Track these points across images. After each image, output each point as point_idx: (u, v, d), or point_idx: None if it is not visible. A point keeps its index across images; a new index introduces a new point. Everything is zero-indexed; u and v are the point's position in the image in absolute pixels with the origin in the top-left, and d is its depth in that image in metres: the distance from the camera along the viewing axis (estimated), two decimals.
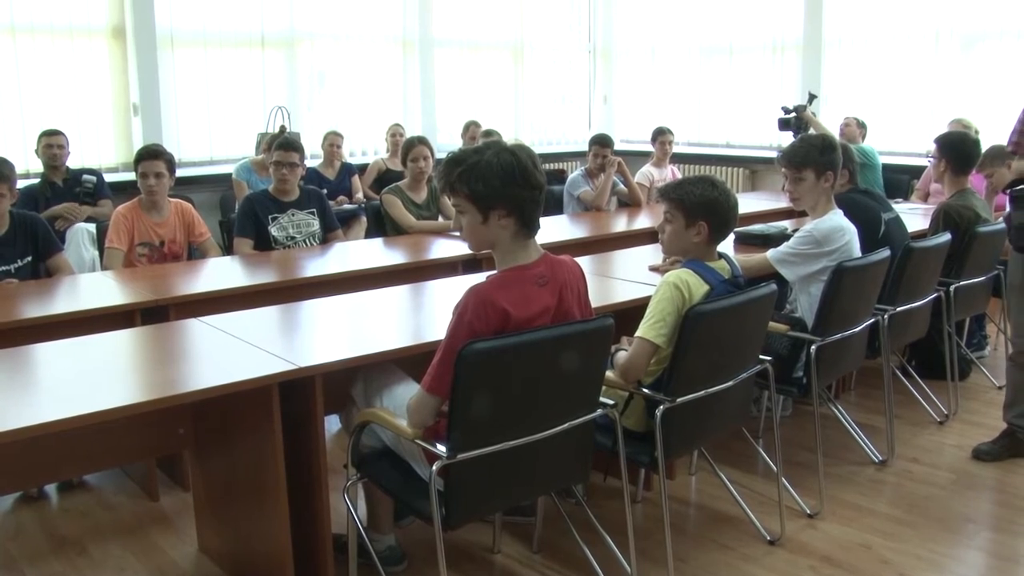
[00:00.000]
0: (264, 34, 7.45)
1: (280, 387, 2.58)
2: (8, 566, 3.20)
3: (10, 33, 6.31)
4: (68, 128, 5.95)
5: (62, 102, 6.52)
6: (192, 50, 7.11)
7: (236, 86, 7.35)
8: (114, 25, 6.76)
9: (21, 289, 3.92)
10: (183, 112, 7.09)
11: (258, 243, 4.67)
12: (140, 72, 6.81)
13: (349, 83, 8.04)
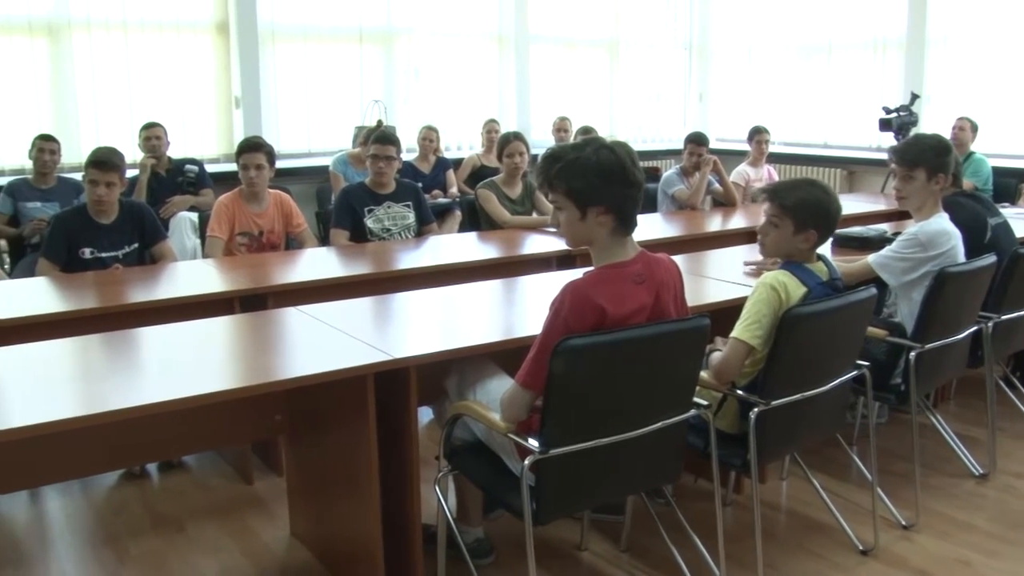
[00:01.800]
0: (362, 29, 7.55)
1: (375, 377, 2.62)
2: (112, 540, 3.33)
3: (122, 29, 6.52)
4: (172, 120, 6.15)
5: (168, 95, 6.72)
6: (292, 45, 7.25)
7: (334, 80, 7.47)
8: (218, 21, 6.94)
9: (127, 274, 4.05)
10: (282, 105, 7.24)
11: (354, 235, 4.74)
12: (242, 66, 6.97)
13: (445, 78, 8.10)
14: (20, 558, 3.23)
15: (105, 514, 3.54)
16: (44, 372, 2.68)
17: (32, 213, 5.40)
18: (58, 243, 4.14)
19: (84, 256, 4.13)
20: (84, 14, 6.38)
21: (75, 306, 3.53)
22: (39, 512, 3.59)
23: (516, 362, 2.46)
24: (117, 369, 2.76)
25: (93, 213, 4.18)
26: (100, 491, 3.74)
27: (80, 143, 6.27)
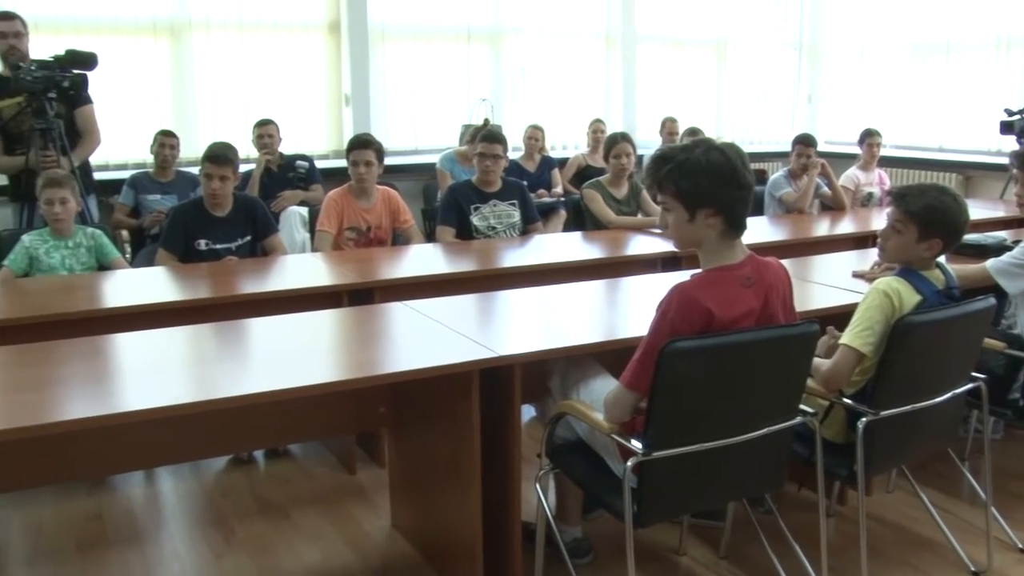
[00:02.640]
0: (470, 28, 7.62)
1: (479, 374, 2.63)
2: (219, 521, 3.44)
3: (238, 30, 6.72)
4: (284, 117, 6.30)
5: (280, 93, 6.90)
6: (401, 44, 7.36)
7: (442, 79, 7.56)
8: (330, 21, 7.09)
9: (240, 266, 4.18)
10: (391, 103, 7.35)
11: (460, 232, 4.79)
12: (352, 65, 7.09)
13: (551, 77, 8.11)
14: (136, 534, 3.37)
15: (214, 497, 3.66)
16: (160, 358, 2.79)
17: (152, 205, 5.61)
18: (176, 234, 4.30)
19: (200, 247, 4.28)
20: (204, 15, 6.59)
21: (190, 296, 3.67)
22: (153, 492, 3.74)
23: (619, 363, 2.45)
24: (228, 358, 2.85)
25: (209, 206, 4.33)
26: (209, 474, 3.87)
27: (198, 138, 6.48)
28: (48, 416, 2.27)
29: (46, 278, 4.02)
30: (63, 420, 2.26)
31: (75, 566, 3.16)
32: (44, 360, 2.72)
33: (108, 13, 6.27)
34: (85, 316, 3.41)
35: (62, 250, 4.11)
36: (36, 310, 3.48)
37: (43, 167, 4.64)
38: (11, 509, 3.57)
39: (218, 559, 3.18)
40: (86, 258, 4.15)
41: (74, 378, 2.55)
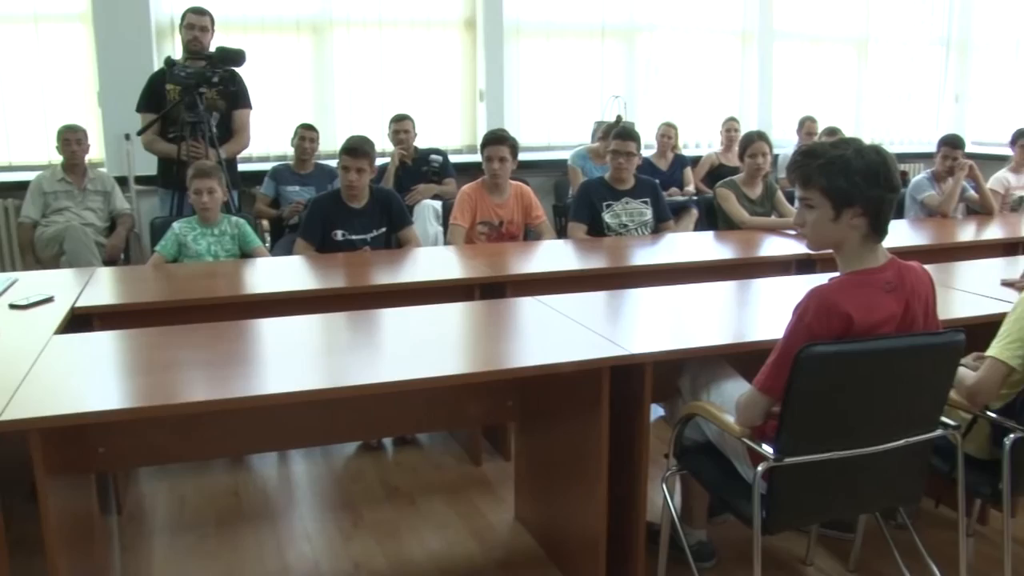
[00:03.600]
0: (604, 25, 7.59)
1: (610, 371, 2.62)
2: (348, 505, 3.54)
3: (377, 27, 6.87)
4: (420, 112, 6.41)
5: (416, 88, 7.02)
6: (536, 40, 7.39)
7: (575, 75, 7.56)
8: (466, 17, 7.17)
9: (375, 257, 4.29)
10: (524, 99, 7.39)
11: (591, 229, 4.79)
12: (487, 60, 7.16)
13: (685, 75, 8.01)
14: (269, 512, 3.50)
15: (343, 481, 3.77)
16: (296, 345, 2.88)
17: (291, 196, 5.80)
18: (314, 225, 4.43)
19: (336, 238, 4.40)
20: (344, 13, 6.77)
21: (326, 285, 3.78)
22: (287, 472, 3.87)
23: (751, 365, 2.41)
24: (361, 346, 2.92)
25: (346, 198, 4.44)
26: (340, 459, 3.98)
27: (336, 132, 6.66)
28: (190, 396, 2.38)
29: (193, 264, 4.21)
30: (203, 400, 2.36)
31: (213, 538, 3.30)
32: (188, 342, 2.86)
33: (255, 12, 6.51)
34: (227, 301, 3.57)
35: (208, 237, 4.30)
36: (182, 294, 3.65)
37: (192, 158, 4.86)
38: (156, 482, 3.75)
39: (346, 541, 3.27)
40: (230, 245, 4.33)
41: (215, 361, 2.66)
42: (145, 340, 2.92)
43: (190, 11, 5.31)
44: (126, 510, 3.53)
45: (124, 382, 2.58)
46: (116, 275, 4.09)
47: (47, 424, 2.21)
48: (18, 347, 2.78)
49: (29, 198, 5.52)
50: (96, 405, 2.31)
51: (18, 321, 3.15)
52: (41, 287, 3.58)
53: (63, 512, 2.37)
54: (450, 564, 3.12)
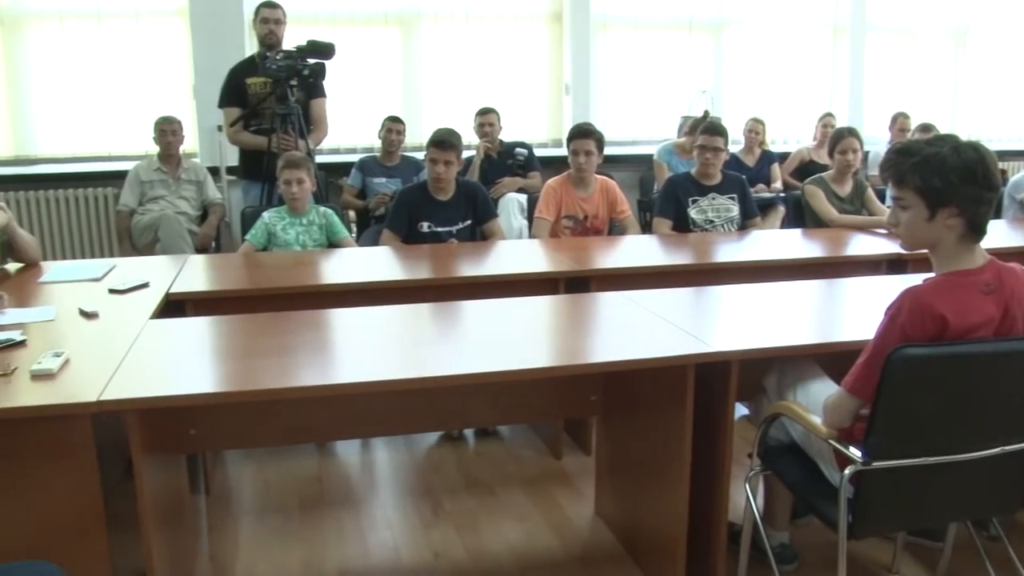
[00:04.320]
0: (692, 18, 7.51)
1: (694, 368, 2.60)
2: (428, 494, 3.57)
3: (464, 20, 6.91)
4: (505, 105, 6.43)
5: (502, 81, 7.04)
6: (622, 33, 7.34)
7: (662, 69, 7.49)
8: (553, 10, 7.16)
9: (460, 249, 4.31)
10: (610, 93, 7.36)
11: (677, 224, 4.75)
12: (573, 54, 7.15)
13: (774, 69, 7.87)
14: (351, 498, 3.56)
15: (425, 470, 3.81)
16: (381, 334, 2.92)
17: (377, 188, 5.88)
18: (401, 216, 4.48)
19: (422, 229, 4.45)
20: (432, 7, 6.82)
21: (411, 276, 3.83)
22: (369, 460, 3.93)
23: (837, 365, 2.37)
24: (445, 337, 2.94)
25: (432, 190, 4.48)
26: (421, 448, 4.02)
27: (422, 125, 6.72)
28: (276, 382, 2.43)
29: (281, 253, 4.30)
30: (290, 387, 2.41)
31: (296, 521, 3.37)
32: (275, 329, 2.92)
33: (344, 5, 6.60)
34: (315, 290, 3.64)
35: (297, 227, 4.38)
36: (271, 282, 3.74)
37: (282, 149, 4.95)
38: (243, 465, 3.85)
39: (426, 529, 3.30)
40: (318, 235, 4.40)
41: (301, 348, 2.71)
42: (235, 326, 2.99)
43: (263, 5, 5.42)
44: (214, 491, 3.63)
45: (215, 367, 2.65)
46: (208, 262, 4.20)
47: (143, 405, 2.29)
48: (117, 330, 2.88)
49: (127, 187, 5.71)
50: (189, 388, 2.38)
51: (117, 305, 3.26)
52: (137, 273, 3.70)
53: (156, 490, 2.44)
54: (528, 557, 3.12)
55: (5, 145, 6.28)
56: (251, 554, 3.15)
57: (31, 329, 2.87)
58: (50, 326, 2.96)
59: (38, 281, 3.67)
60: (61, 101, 6.34)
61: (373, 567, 3.08)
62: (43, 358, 2.48)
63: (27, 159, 6.35)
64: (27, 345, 2.69)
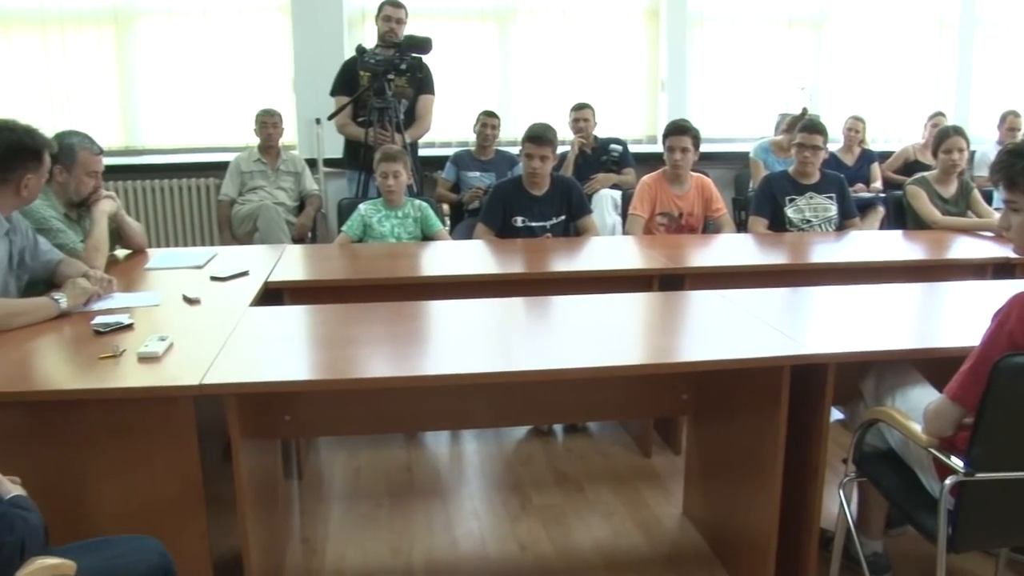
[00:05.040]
0: (791, 14, 7.35)
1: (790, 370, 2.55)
2: (517, 487, 3.59)
3: (561, 15, 6.90)
4: (600, 101, 6.39)
5: (597, 77, 7.00)
6: (720, 28, 7.24)
7: (760, 65, 7.36)
8: (650, 6, 7.10)
9: (554, 244, 4.32)
10: (706, 89, 7.26)
11: (773, 223, 4.67)
12: (670, 50, 7.07)
13: (875, 66, 7.66)
14: (440, 488, 3.60)
15: (513, 464, 3.82)
16: (472, 327, 2.95)
17: (471, 182, 5.91)
18: (495, 210, 4.51)
19: (516, 224, 4.46)
20: (528, 2, 6.83)
21: (504, 269, 3.85)
22: (458, 451, 3.96)
23: (938, 372, 2.31)
24: (536, 332, 2.96)
25: (527, 185, 4.49)
26: (510, 442, 4.04)
27: (517, 120, 6.74)
28: (368, 371, 2.49)
29: (376, 244, 4.36)
30: (382, 376, 2.47)
31: (386, 509, 3.42)
32: (369, 320, 2.97)
33: (441, 1, 6.67)
34: (408, 282, 3.69)
35: (392, 219, 4.43)
36: (366, 273, 3.81)
37: (379, 143, 5.02)
38: (335, 452, 3.92)
39: (513, 522, 3.32)
40: (412, 228, 4.45)
41: (394, 339, 2.75)
42: (330, 316, 3.05)
43: (387, 3, 5.48)
44: (306, 476, 3.71)
45: (310, 355, 2.71)
46: (305, 252, 4.30)
47: (242, 390, 2.35)
48: (218, 316, 2.97)
49: (228, 177, 5.87)
50: (285, 375, 2.44)
51: (218, 292, 3.35)
52: (237, 261, 3.80)
53: (253, 473, 2.51)
54: (615, 554, 3.12)
55: (115, 136, 6.51)
56: (341, 539, 3.21)
57: (137, 313, 2.97)
58: (155, 311, 3.07)
59: (144, 267, 3.80)
60: (167, 94, 6.55)
61: (460, 557, 3.11)
62: (149, 341, 2.57)
63: (135, 150, 6.58)
64: (134, 328, 2.79)
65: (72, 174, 3.58)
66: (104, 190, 3.78)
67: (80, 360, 2.51)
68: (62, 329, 2.84)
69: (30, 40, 6.37)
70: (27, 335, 2.75)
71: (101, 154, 3.70)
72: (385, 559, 3.08)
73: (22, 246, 3.17)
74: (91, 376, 2.37)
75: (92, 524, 2.33)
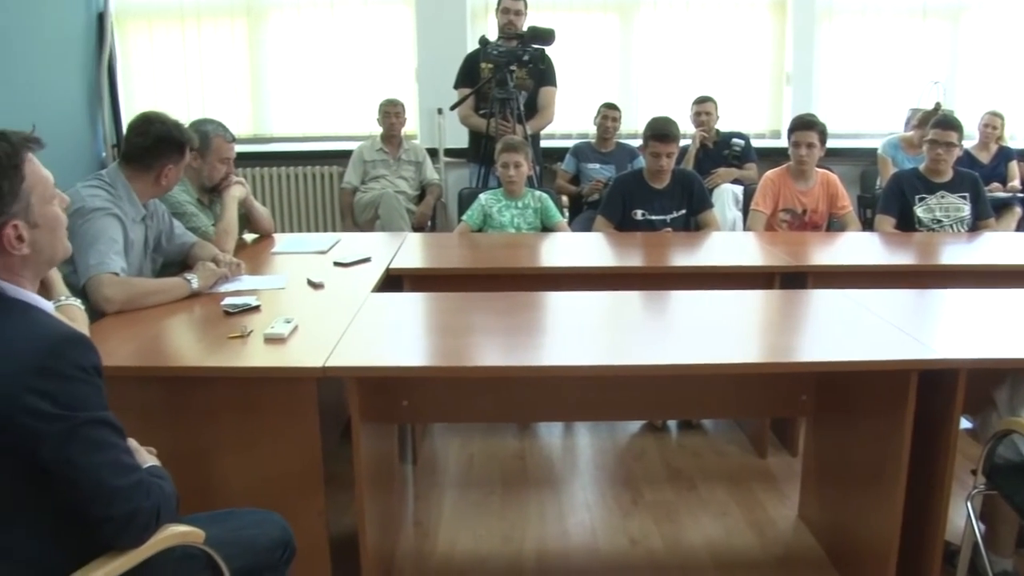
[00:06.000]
0: (926, 5, 7.07)
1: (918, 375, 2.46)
2: (629, 482, 3.58)
3: (685, 6, 6.80)
4: (723, 94, 6.29)
5: (720, 70, 6.87)
6: (849, 20, 7.02)
7: (891, 58, 7.10)
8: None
9: (673, 238, 4.27)
10: (833, 83, 7.06)
11: (900, 222, 4.50)
12: (796, 42, 6.89)
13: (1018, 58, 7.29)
14: (552, 479, 3.62)
15: (626, 458, 3.81)
16: (588, 319, 2.95)
17: (591, 174, 5.90)
18: (615, 203, 4.49)
19: (636, 217, 4.44)
20: None
21: (623, 263, 3.84)
22: (571, 443, 3.97)
23: None
24: (652, 326, 2.94)
25: (649, 178, 4.46)
26: (624, 436, 4.02)
27: (638, 112, 6.68)
28: (485, 360, 2.53)
29: (496, 234, 4.40)
30: (497, 365, 2.49)
31: (498, 497, 3.45)
32: (487, 309, 3.01)
33: None
34: (527, 272, 3.72)
35: (512, 210, 4.46)
36: (485, 262, 3.84)
37: (500, 133, 5.05)
38: (449, 439, 3.98)
39: (624, 517, 3.30)
40: (532, 219, 4.47)
41: (511, 329, 2.77)
42: (449, 304, 3.09)
43: None
44: (421, 461, 3.77)
45: (429, 341, 2.76)
46: (425, 240, 4.36)
47: (364, 374, 2.41)
48: (341, 301, 3.05)
49: (351, 166, 6.00)
50: (405, 361, 2.50)
51: (341, 277, 3.44)
52: (360, 248, 3.88)
53: (371, 455, 2.57)
54: (726, 554, 3.07)
55: (246, 124, 6.74)
56: (453, 524, 3.25)
57: (264, 295, 3.07)
58: (281, 294, 3.16)
59: (271, 251, 3.93)
60: (295, 84, 6.75)
61: (570, 548, 3.11)
62: (275, 323, 2.65)
63: (264, 138, 6.80)
64: (261, 310, 2.89)
65: (206, 160, 3.72)
66: (235, 176, 3.91)
67: (210, 339, 2.61)
68: (193, 309, 2.96)
69: (169, 34, 6.66)
70: (161, 314, 2.88)
71: (233, 142, 3.84)
72: (496, 546, 3.11)
73: (159, 231, 3.32)
74: (221, 355, 2.47)
75: (217, 496, 2.42)
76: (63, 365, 1.56)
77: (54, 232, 1.74)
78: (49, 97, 5.75)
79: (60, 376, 1.55)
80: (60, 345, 1.58)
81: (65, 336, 1.61)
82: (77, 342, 1.61)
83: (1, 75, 5.16)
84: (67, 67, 6.04)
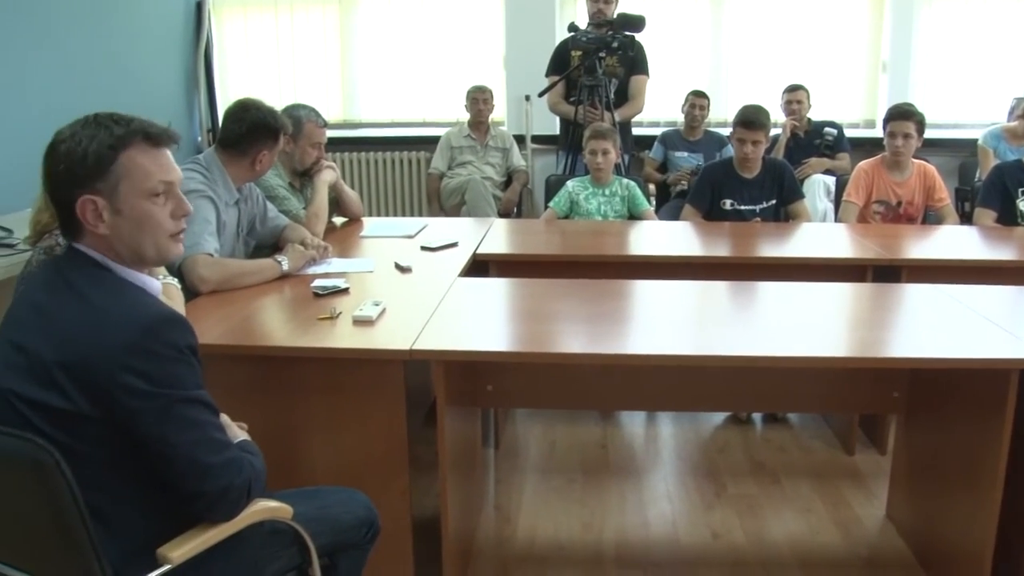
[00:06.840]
0: None
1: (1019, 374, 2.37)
2: (712, 474, 3.55)
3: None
4: (816, 82, 6.16)
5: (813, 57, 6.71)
6: (952, 6, 6.78)
7: (994, 44, 6.84)
8: None
9: (762, 228, 4.21)
10: (932, 71, 6.84)
11: (1001, 217, 4.36)
12: (894, 29, 6.69)
13: None
14: (634, 468, 3.60)
15: (709, 450, 3.77)
16: (675, 308, 2.93)
17: (679, 162, 5.84)
18: (703, 192, 4.44)
19: (725, 207, 4.38)
20: None
21: (711, 252, 3.79)
22: (654, 433, 3.95)
23: None
24: (739, 317, 2.89)
25: (739, 167, 4.39)
26: (707, 428, 3.98)
27: (727, 100, 6.59)
28: (569, 346, 2.54)
29: (582, 221, 4.39)
30: (581, 352, 2.48)
31: (579, 484, 3.45)
32: (572, 295, 3.00)
33: None
34: (613, 260, 3.70)
35: (599, 197, 4.44)
36: (571, 249, 3.84)
37: (588, 120, 5.03)
38: (531, 425, 3.99)
39: (707, 509, 3.27)
40: (619, 207, 4.45)
41: (596, 316, 2.76)
42: (535, 290, 3.10)
43: None
44: (503, 446, 3.79)
45: (514, 327, 2.76)
46: (511, 226, 4.38)
47: (450, 358, 2.43)
48: (428, 285, 3.08)
49: (438, 151, 6.05)
50: (490, 345, 2.51)
51: (428, 261, 3.47)
52: (447, 233, 3.92)
53: (455, 438, 2.59)
54: (809, 551, 3.02)
55: (336, 110, 6.84)
56: (533, 509, 3.27)
57: (352, 278, 3.12)
58: (369, 277, 3.21)
59: (360, 235, 3.99)
60: (384, 71, 6.82)
61: (651, 539, 3.10)
62: (364, 305, 2.69)
63: (353, 123, 6.90)
64: (349, 293, 2.94)
65: (298, 144, 3.79)
66: (326, 160, 3.98)
67: (300, 320, 2.66)
68: (283, 290, 3.02)
69: (263, 21, 6.82)
70: (253, 294, 2.95)
71: (325, 127, 3.90)
72: (576, 533, 3.12)
73: (252, 214, 3.40)
74: (310, 335, 2.51)
75: (304, 473, 2.48)
76: (159, 345, 1.60)
77: (141, 228, 1.71)
78: (149, 83, 5.94)
79: (155, 355, 1.59)
80: (156, 325, 1.62)
81: (162, 316, 1.65)
82: (174, 322, 1.65)
83: (104, 61, 5.34)
84: (166, 53, 6.23)
